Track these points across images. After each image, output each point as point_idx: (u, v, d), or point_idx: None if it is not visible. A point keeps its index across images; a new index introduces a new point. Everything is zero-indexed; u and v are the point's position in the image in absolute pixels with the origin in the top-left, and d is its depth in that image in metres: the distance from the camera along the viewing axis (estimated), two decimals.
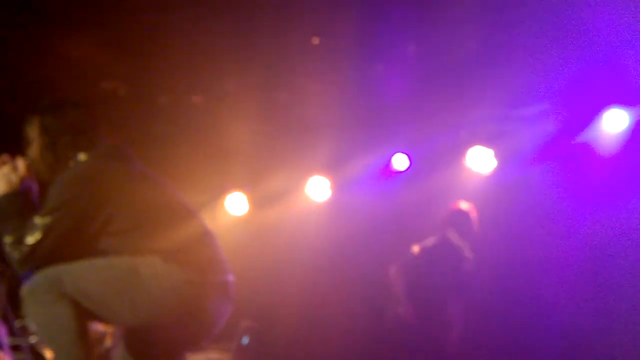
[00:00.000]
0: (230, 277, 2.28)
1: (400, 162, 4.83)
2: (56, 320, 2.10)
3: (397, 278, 4.27)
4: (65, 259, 2.15)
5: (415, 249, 4.35)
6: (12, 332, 4.42)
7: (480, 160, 4.77)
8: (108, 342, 4.52)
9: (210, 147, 4.40)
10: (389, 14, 4.02)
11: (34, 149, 2.31)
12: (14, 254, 2.11)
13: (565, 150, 4.78)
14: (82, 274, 2.14)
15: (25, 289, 2.16)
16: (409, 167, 4.85)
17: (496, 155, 4.76)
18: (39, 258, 2.10)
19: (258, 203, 4.83)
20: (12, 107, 3.87)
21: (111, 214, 2.16)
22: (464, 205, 4.42)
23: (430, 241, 4.34)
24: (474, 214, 4.39)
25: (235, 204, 4.87)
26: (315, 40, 4.15)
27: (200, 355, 4.52)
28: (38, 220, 2.10)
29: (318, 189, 4.90)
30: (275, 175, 4.69)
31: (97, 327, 4.40)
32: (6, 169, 2.24)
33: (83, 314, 2.14)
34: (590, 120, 4.62)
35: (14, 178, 2.23)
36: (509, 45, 4.20)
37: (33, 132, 2.31)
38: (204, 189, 4.35)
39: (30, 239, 2.09)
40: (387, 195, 4.85)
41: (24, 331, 4.28)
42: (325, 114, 4.45)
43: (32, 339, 4.12)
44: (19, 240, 2.10)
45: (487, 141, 4.76)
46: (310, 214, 4.84)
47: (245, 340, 4.62)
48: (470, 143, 4.76)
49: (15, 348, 4.04)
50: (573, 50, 4.12)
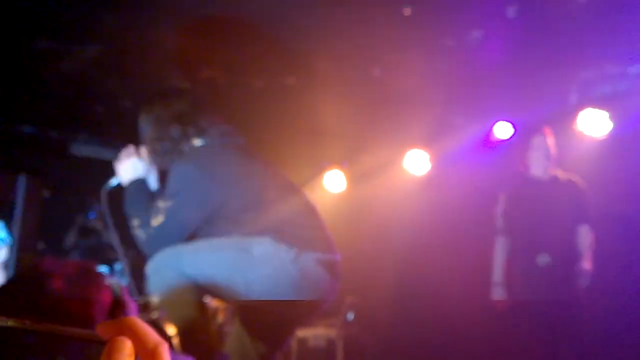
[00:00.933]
0: (337, 256, 2.40)
1: (503, 130, 4.69)
2: (178, 296, 2.33)
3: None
4: (186, 241, 2.37)
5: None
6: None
7: (594, 124, 4.51)
8: (221, 318, 4.86)
9: (306, 127, 4.50)
10: None
11: (151, 137, 2.52)
12: (140, 236, 2.34)
13: None
14: (200, 254, 2.36)
15: (149, 267, 2.42)
16: (512, 135, 4.70)
17: (611, 118, 4.49)
18: (163, 239, 2.31)
19: (356, 179, 4.90)
20: (124, 101, 4.22)
21: (226, 195, 2.35)
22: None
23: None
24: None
25: (334, 182, 4.97)
26: (407, 11, 4.09)
27: (308, 330, 4.74)
28: (161, 204, 2.31)
29: (417, 162, 4.87)
30: (373, 150, 4.72)
31: (211, 303, 4.76)
32: (133, 157, 2.50)
33: (201, 290, 2.37)
34: None
35: (139, 165, 2.47)
36: None
37: (147, 121, 2.54)
38: (302, 168, 4.48)
39: (155, 222, 2.30)
40: (489, 166, 4.73)
41: (146, 307, 4.72)
42: (422, 86, 4.39)
43: (154, 315, 4.53)
44: (145, 223, 2.31)
45: (601, 103, 4.48)
46: (409, 188, 4.83)
47: (350, 316, 4.78)
48: (581, 106, 4.51)
49: None
50: None
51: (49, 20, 3.97)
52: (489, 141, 4.75)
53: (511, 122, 4.67)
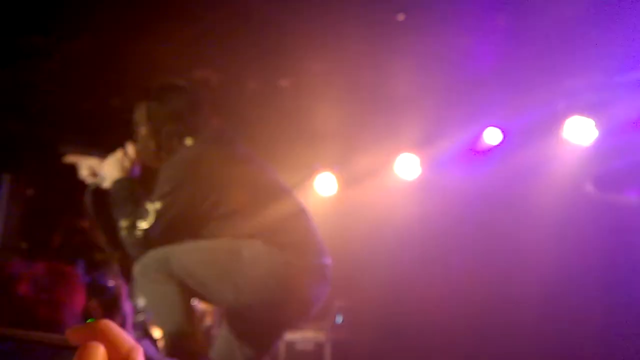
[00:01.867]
0: (328, 260, 2.43)
1: (492, 136, 4.82)
2: (165, 298, 2.32)
3: None
4: (175, 242, 2.35)
5: None
6: None
7: (580, 131, 4.65)
8: (208, 320, 4.89)
9: (298, 129, 4.56)
10: None
11: (141, 133, 2.50)
12: (128, 238, 2.31)
13: None
14: (189, 256, 2.35)
15: (137, 268, 2.41)
16: (502, 141, 4.83)
17: (597, 126, 4.63)
18: (151, 241, 2.29)
19: (347, 183, 4.96)
20: (115, 100, 4.22)
21: (217, 197, 2.35)
22: None
23: None
24: None
25: (325, 185, 5.03)
26: (401, 17, 4.19)
27: (296, 333, 4.79)
28: (150, 205, 2.28)
29: (407, 167, 4.96)
30: (364, 154, 4.80)
31: (198, 306, 4.79)
32: (119, 154, 2.47)
33: (189, 292, 2.37)
34: None
35: (127, 163, 2.45)
36: (609, 5, 4.05)
37: (140, 116, 2.51)
38: (293, 170, 4.54)
39: (144, 224, 2.27)
40: (479, 172, 4.84)
41: (133, 309, 4.72)
42: (414, 91, 4.49)
43: (140, 317, 4.53)
44: (133, 225, 2.29)
45: (587, 111, 4.63)
46: (400, 192, 4.91)
47: (339, 319, 4.84)
48: (568, 113, 4.65)
49: None
50: None
51: (37, 15, 3.97)
52: (480, 146, 4.86)
53: (500, 128, 4.80)
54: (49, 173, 4.98)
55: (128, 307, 2.99)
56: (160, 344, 3.36)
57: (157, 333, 4.36)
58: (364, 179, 4.92)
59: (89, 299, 2.95)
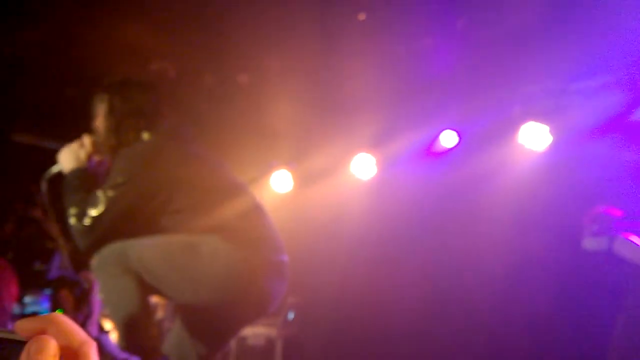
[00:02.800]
0: (285, 257, 2.45)
1: (448, 139, 4.90)
2: (121, 292, 2.32)
3: None
4: (124, 234, 2.34)
5: None
6: None
7: (535, 137, 4.73)
8: (160, 314, 4.92)
9: (255, 126, 4.59)
10: None
11: (99, 126, 2.50)
12: (76, 226, 2.30)
13: (627, 127, 4.71)
14: (147, 250, 2.34)
15: (95, 261, 2.42)
16: (457, 144, 4.92)
17: (551, 132, 4.72)
18: (100, 231, 2.28)
19: (303, 181, 5.01)
20: (70, 89, 4.21)
21: (171, 192, 2.34)
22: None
23: None
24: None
25: (280, 182, 5.08)
26: (362, 16, 4.25)
27: (248, 329, 4.84)
28: (101, 194, 2.28)
29: (363, 166, 5.04)
30: (320, 152, 4.85)
31: (151, 299, 4.81)
32: (75, 145, 2.47)
33: (146, 288, 2.38)
34: None
35: (82, 154, 2.45)
36: (565, 13, 4.16)
37: (100, 109, 2.51)
38: (249, 166, 4.57)
39: (93, 211, 2.26)
40: (434, 173, 4.93)
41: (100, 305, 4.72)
42: (372, 91, 4.55)
43: None
44: (83, 213, 2.28)
45: (542, 117, 4.72)
46: (355, 192, 4.97)
47: (291, 315, 4.90)
48: (524, 119, 4.73)
49: None
50: (637, 16, 4.05)
51: None
52: (435, 148, 4.94)
53: (456, 131, 4.89)
54: (1, 161, 4.95)
55: (96, 302, 2.98)
56: (113, 336, 3.38)
57: (108, 325, 4.37)
58: (319, 177, 4.96)
59: (60, 290, 2.94)
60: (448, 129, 4.87)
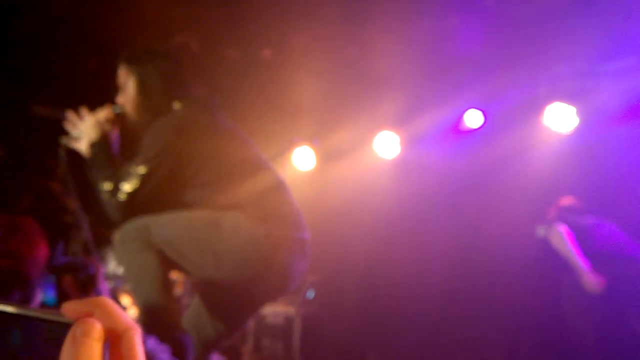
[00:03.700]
0: (307, 234, 2.42)
1: (474, 118, 4.86)
2: (143, 267, 2.30)
3: None
4: (157, 208, 2.33)
5: None
6: None
7: (560, 118, 4.70)
8: (178, 290, 4.94)
9: (278, 101, 4.57)
10: None
11: (128, 97, 2.46)
12: (111, 201, 2.29)
13: None
14: (169, 226, 2.32)
15: (117, 236, 2.40)
16: (483, 124, 4.89)
17: (578, 113, 4.68)
18: (136, 205, 2.28)
19: (325, 157, 4.98)
20: (91, 62, 4.19)
21: (200, 164, 2.32)
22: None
23: None
24: None
25: (303, 158, 5.05)
26: None
27: (267, 307, 4.85)
28: (134, 168, 2.27)
29: (387, 144, 5.00)
30: (343, 130, 4.82)
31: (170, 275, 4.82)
32: (99, 115, 2.42)
33: (168, 263, 2.37)
34: None
35: (107, 126, 2.42)
36: None
37: (128, 80, 2.47)
38: (271, 142, 4.56)
39: (128, 187, 2.25)
40: (458, 154, 4.89)
41: (109, 290, 4.73)
42: (396, 68, 4.51)
43: (110, 284, 4.55)
44: (116, 188, 2.27)
45: (568, 98, 4.68)
46: (378, 170, 4.96)
47: (311, 294, 4.90)
48: (550, 99, 4.70)
49: None
50: None
51: None
52: (460, 128, 4.90)
53: (481, 110, 4.84)
54: (20, 133, 4.95)
55: (104, 287, 2.98)
56: (131, 313, 3.37)
57: (125, 301, 4.39)
58: (342, 155, 4.94)
59: (64, 275, 2.93)
60: (473, 108, 4.82)
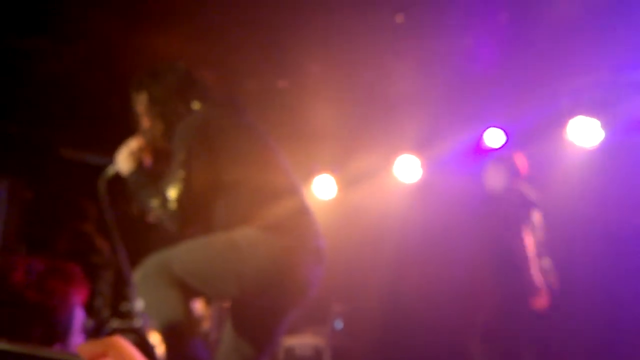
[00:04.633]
0: (323, 242, 2.46)
1: (494, 138, 4.82)
2: (166, 301, 2.36)
3: None
4: (205, 206, 2.40)
5: None
6: (118, 315, 4.96)
7: (584, 133, 4.62)
8: (206, 325, 4.95)
9: (296, 130, 4.62)
10: None
11: (146, 120, 2.56)
12: (164, 214, 2.37)
13: None
14: (188, 256, 2.40)
15: (138, 274, 2.46)
16: (504, 143, 4.84)
17: (602, 126, 4.59)
18: (187, 208, 2.35)
19: (346, 185, 4.98)
20: (115, 100, 4.30)
21: (227, 158, 2.39)
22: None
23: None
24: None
25: (323, 187, 5.05)
26: (399, 18, 4.24)
27: (295, 339, 4.84)
28: (173, 176, 2.36)
29: (407, 168, 4.98)
30: (364, 155, 4.82)
31: (196, 311, 4.85)
32: (131, 145, 2.52)
33: (190, 295, 2.41)
34: None
35: (140, 153, 2.53)
36: (612, 1, 4.06)
37: (141, 105, 2.57)
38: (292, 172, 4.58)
39: (173, 193, 2.34)
40: (481, 174, 4.84)
41: (130, 314, 4.79)
42: (413, 92, 4.53)
43: (137, 322, 4.60)
44: (164, 199, 2.36)
45: (592, 111, 4.60)
46: (400, 195, 4.93)
47: (339, 324, 4.87)
48: (572, 114, 4.63)
49: (121, 331, 4.54)
50: None
51: (37, 18, 4.09)
52: (481, 148, 4.86)
53: (503, 129, 4.80)
54: (47, 176, 5.09)
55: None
56: (159, 350, 3.41)
57: (154, 339, 4.42)
58: (363, 181, 4.94)
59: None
60: (494, 127, 4.79)
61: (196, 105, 2.50)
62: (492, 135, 4.81)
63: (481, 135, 4.81)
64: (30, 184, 5.04)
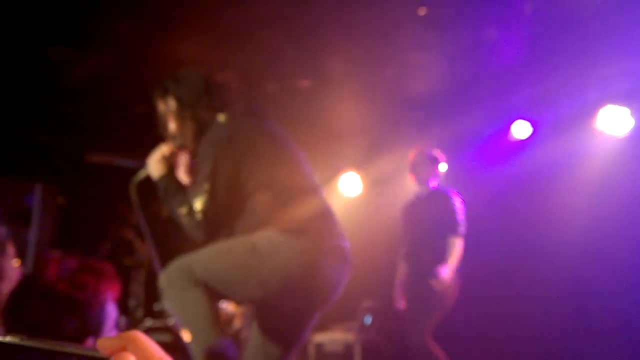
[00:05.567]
0: (346, 242, 2.47)
1: (521, 129, 4.78)
2: (191, 305, 2.41)
3: None
4: (230, 217, 2.46)
5: None
6: (151, 314, 5.08)
7: (614, 121, 4.54)
8: (237, 324, 5.04)
9: (320, 129, 4.63)
10: None
11: (176, 128, 2.59)
12: (190, 223, 2.43)
13: None
14: (210, 260, 2.44)
15: (163, 278, 2.53)
16: (532, 135, 4.79)
17: (632, 115, 4.51)
18: (213, 220, 2.41)
19: (372, 182, 4.98)
20: (140, 107, 4.38)
21: (250, 170, 2.42)
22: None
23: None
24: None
25: (349, 184, 5.06)
26: (422, 11, 4.20)
27: (325, 335, 4.89)
28: (200, 188, 2.41)
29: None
30: (389, 152, 4.81)
31: (227, 310, 4.93)
32: (161, 150, 2.58)
33: (214, 297, 2.47)
34: None
35: (171, 159, 2.58)
36: None
37: (169, 110, 2.60)
38: (317, 171, 4.60)
39: (199, 205, 2.40)
40: (508, 166, 4.81)
41: (163, 314, 4.90)
42: (438, 87, 4.49)
43: (171, 321, 4.70)
44: (191, 210, 2.42)
45: (621, 99, 4.52)
46: None
47: (368, 319, 4.90)
48: (601, 103, 4.56)
49: (155, 329, 4.65)
50: None
51: (64, 27, 4.17)
52: (508, 140, 4.81)
53: (529, 121, 4.75)
54: (79, 182, 5.20)
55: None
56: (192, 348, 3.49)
57: (186, 336, 4.52)
58: (389, 178, 4.93)
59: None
60: (520, 119, 4.73)
61: (221, 117, 2.54)
62: (519, 127, 4.76)
63: (508, 128, 4.76)
64: (62, 190, 5.16)
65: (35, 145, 5.08)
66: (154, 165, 2.56)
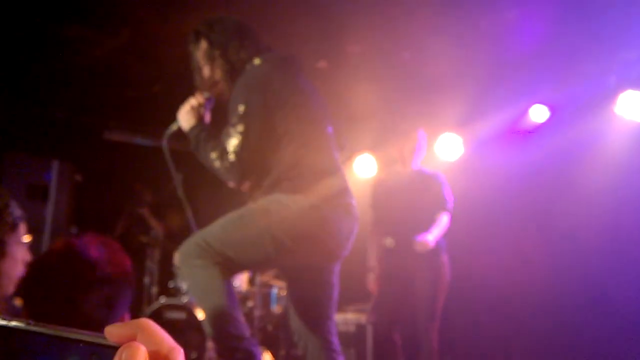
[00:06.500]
0: (353, 200, 2.52)
1: (539, 113, 4.75)
2: (206, 282, 2.44)
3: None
4: (261, 161, 2.48)
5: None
6: (165, 292, 5.14)
7: (634, 106, 4.51)
8: (250, 303, 5.09)
9: (337, 111, 4.61)
10: None
11: (209, 69, 2.62)
12: (222, 165, 2.45)
13: None
14: (223, 229, 2.48)
15: (178, 255, 2.56)
16: (549, 119, 4.75)
17: None
18: (245, 161, 2.43)
19: (387, 163, 4.97)
20: (156, 87, 4.40)
21: (283, 114, 2.44)
22: None
23: None
24: None
25: (364, 166, 5.08)
26: None
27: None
28: (232, 129, 2.43)
29: (449, 147, 4.96)
30: (404, 136, 4.79)
31: (240, 289, 4.97)
32: (192, 102, 2.60)
33: (230, 273, 2.50)
34: None
35: (201, 110, 2.61)
36: None
37: (202, 54, 2.63)
38: None
39: (231, 147, 2.41)
40: (525, 151, 4.78)
41: (177, 291, 4.97)
42: (455, 69, 4.47)
43: (185, 299, 4.77)
44: (223, 152, 2.44)
45: None
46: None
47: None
48: (621, 88, 4.53)
49: (170, 307, 4.71)
50: None
51: (80, 7, 4.18)
52: (525, 124, 4.79)
53: (547, 105, 4.72)
54: (95, 159, 5.26)
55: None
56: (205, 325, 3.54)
57: (200, 314, 4.58)
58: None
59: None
60: (538, 103, 4.70)
61: (257, 61, 2.53)
62: (537, 112, 4.72)
63: (525, 112, 4.73)
64: (79, 168, 5.22)
65: (53, 123, 5.12)
66: (184, 116, 2.59)
